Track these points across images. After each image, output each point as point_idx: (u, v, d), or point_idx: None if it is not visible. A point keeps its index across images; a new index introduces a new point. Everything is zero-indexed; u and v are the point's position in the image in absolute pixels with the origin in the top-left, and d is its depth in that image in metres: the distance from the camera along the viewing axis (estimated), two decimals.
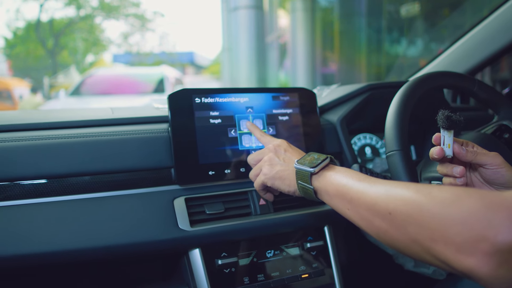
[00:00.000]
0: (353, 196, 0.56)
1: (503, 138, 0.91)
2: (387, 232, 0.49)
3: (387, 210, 0.49)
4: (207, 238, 0.80)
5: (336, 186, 0.60)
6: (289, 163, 0.70)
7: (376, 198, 0.51)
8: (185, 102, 0.85)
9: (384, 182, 0.54)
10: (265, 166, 0.72)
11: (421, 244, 0.44)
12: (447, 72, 0.89)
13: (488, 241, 0.38)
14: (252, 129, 0.86)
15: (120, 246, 0.75)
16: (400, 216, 0.47)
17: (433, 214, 0.43)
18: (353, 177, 0.59)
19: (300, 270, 0.88)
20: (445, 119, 0.63)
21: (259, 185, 0.74)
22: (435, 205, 0.43)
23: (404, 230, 0.46)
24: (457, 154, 0.63)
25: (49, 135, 0.78)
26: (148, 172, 0.82)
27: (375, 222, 0.51)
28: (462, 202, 0.42)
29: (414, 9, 5.64)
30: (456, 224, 0.41)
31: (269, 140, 0.80)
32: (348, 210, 0.57)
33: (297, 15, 7.25)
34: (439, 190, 0.45)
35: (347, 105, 1.06)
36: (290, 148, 0.74)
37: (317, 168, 0.63)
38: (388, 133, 0.77)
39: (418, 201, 0.45)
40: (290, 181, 0.69)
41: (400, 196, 0.48)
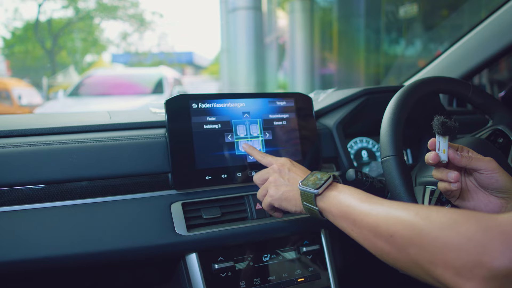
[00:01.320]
0: (356, 218, 0.57)
1: (498, 142, 0.92)
2: (389, 253, 0.51)
3: (389, 233, 0.50)
4: (204, 243, 0.81)
5: (340, 207, 0.61)
6: (294, 184, 0.72)
7: (378, 220, 0.53)
8: (182, 107, 0.85)
9: (385, 203, 0.55)
10: (271, 188, 0.74)
11: (422, 266, 0.46)
12: (442, 78, 0.90)
13: (484, 266, 0.39)
14: (250, 151, 0.86)
15: (118, 251, 0.76)
16: (401, 239, 0.49)
17: (432, 238, 0.45)
18: (356, 197, 0.60)
19: (296, 274, 0.88)
20: (440, 125, 0.64)
21: (267, 206, 0.76)
22: (434, 229, 0.45)
23: (405, 253, 0.48)
24: (452, 159, 0.64)
25: (47, 141, 0.79)
26: (145, 177, 0.83)
27: (378, 244, 0.53)
28: (459, 226, 0.43)
29: (412, 10, 5.66)
30: (453, 249, 0.42)
31: (271, 160, 0.80)
32: (352, 231, 0.58)
33: (296, 16, 7.25)
34: (437, 213, 0.47)
35: (343, 109, 1.07)
36: (294, 167, 0.75)
37: (321, 189, 0.65)
38: (383, 139, 0.78)
39: (417, 225, 0.47)
40: (296, 202, 0.70)
41: (400, 219, 0.50)
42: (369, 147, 1.20)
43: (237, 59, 5.92)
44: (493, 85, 2.35)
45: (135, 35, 15.56)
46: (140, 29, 14.56)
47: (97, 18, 13.71)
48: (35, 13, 15.94)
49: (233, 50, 6.01)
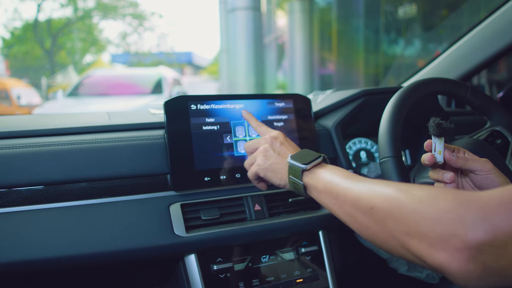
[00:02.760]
0: (339, 192, 0.58)
1: (495, 144, 0.92)
2: (369, 227, 0.52)
3: (369, 205, 0.52)
4: (202, 244, 0.81)
5: (325, 183, 0.62)
6: (283, 157, 0.72)
7: (360, 194, 0.54)
8: (181, 108, 0.85)
9: (368, 180, 0.57)
10: (260, 157, 0.73)
11: (398, 239, 0.47)
12: (440, 79, 0.90)
13: (459, 237, 0.40)
14: (248, 118, 0.86)
15: (117, 252, 0.76)
16: (380, 212, 0.50)
17: (411, 211, 0.46)
18: (341, 175, 0.62)
19: (295, 275, 0.89)
20: (435, 127, 0.64)
21: (252, 175, 0.75)
22: (413, 202, 0.46)
23: (384, 225, 0.49)
24: (448, 160, 0.65)
25: (46, 142, 0.79)
26: (144, 178, 0.83)
27: (358, 217, 0.54)
28: (438, 200, 0.44)
29: (411, 10, 5.66)
30: (431, 221, 0.43)
31: (265, 130, 0.80)
32: (334, 206, 0.60)
33: (295, 16, 7.26)
34: (418, 188, 0.48)
35: (342, 110, 1.07)
36: (286, 141, 0.75)
37: (310, 165, 0.65)
38: (381, 140, 0.78)
39: (398, 198, 0.48)
40: (282, 175, 0.70)
41: (381, 193, 0.51)
42: (367, 148, 1.20)
43: (236, 59, 5.92)
44: (492, 86, 2.35)
45: (135, 35, 15.56)
46: (139, 29, 14.56)
47: (96, 17, 13.70)
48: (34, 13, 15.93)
49: (232, 50, 6.01)
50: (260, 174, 0.74)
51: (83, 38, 14.04)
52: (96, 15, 13.50)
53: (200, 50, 52.73)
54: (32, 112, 5.99)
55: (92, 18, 13.55)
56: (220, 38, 8.28)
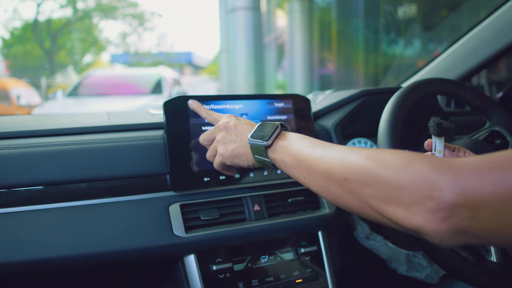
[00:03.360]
0: (309, 164, 0.57)
1: (495, 144, 0.93)
2: (341, 196, 0.52)
3: (343, 177, 0.51)
4: (202, 244, 0.81)
5: (292, 155, 0.61)
6: (242, 139, 0.70)
7: (332, 165, 0.53)
8: (180, 109, 0.85)
9: (338, 148, 0.55)
10: (220, 146, 0.72)
11: (374, 206, 0.47)
12: (439, 79, 0.90)
13: (433, 200, 0.41)
14: (196, 108, 0.83)
15: (116, 253, 0.76)
16: (355, 183, 0.50)
17: (386, 180, 0.46)
18: (307, 144, 0.60)
19: (294, 275, 0.89)
20: (436, 126, 0.64)
21: (218, 165, 0.74)
22: (388, 171, 0.46)
23: (358, 195, 0.49)
24: None
25: (45, 143, 0.79)
26: (144, 179, 0.83)
27: (331, 188, 0.53)
28: (413, 166, 0.44)
29: (411, 11, 5.66)
30: (406, 187, 0.44)
31: (216, 117, 0.78)
32: (305, 179, 0.58)
33: (295, 16, 7.26)
34: (392, 155, 0.48)
35: (341, 110, 1.07)
36: (239, 121, 0.74)
37: (270, 140, 0.64)
38: (381, 140, 0.78)
39: (372, 168, 0.48)
40: (247, 156, 0.69)
41: (354, 164, 0.50)
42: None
43: (236, 59, 5.92)
44: (492, 86, 2.35)
45: (134, 35, 15.55)
46: (139, 29, 14.55)
47: (96, 18, 13.70)
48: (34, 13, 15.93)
49: (232, 50, 6.01)
50: (226, 163, 0.72)
51: (82, 38, 14.04)
52: (96, 16, 13.49)
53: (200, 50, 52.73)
54: (31, 112, 5.99)
55: (92, 18, 13.55)
56: (220, 38, 8.28)
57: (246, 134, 0.70)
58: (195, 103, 0.84)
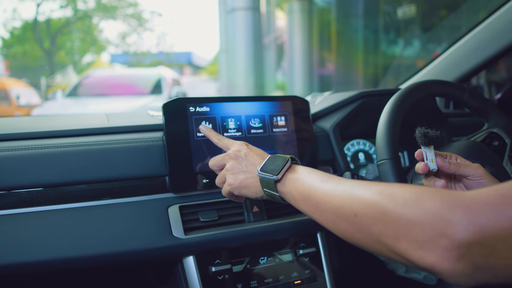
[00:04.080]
0: (319, 200, 0.56)
1: (493, 145, 0.93)
2: (353, 234, 0.51)
3: (353, 213, 0.50)
4: (201, 246, 0.82)
5: (301, 190, 0.60)
6: (252, 170, 0.70)
7: (341, 201, 0.52)
8: (179, 111, 0.86)
9: (346, 183, 0.55)
10: (229, 176, 0.72)
11: (385, 244, 0.46)
12: (437, 81, 0.91)
13: (447, 238, 0.40)
14: (207, 133, 0.83)
15: (115, 254, 0.76)
16: (365, 219, 0.49)
17: (397, 216, 0.45)
18: (317, 178, 0.59)
19: (293, 277, 0.89)
20: (422, 137, 0.65)
21: (226, 194, 0.74)
22: (398, 206, 0.45)
23: (369, 231, 0.48)
24: (440, 167, 0.66)
25: (45, 145, 0.79)
26: (143, 180, 0.83)
27: (341, 225, 0.53)
28: (424, 202, 0.44)
29: (410, 11, 5.67)
30: (418, 224, 0.43)
31: (227, 143, 0.78)
32: (314, 214, 0.58)
33: (295, 17, 7.26)
34: (401, 190, 0.47)
35: (340, 112, 1.07)
36: (251, 151, 0.73)
37: (280, 175, 0.64)
38: (379, 142, 0.79)
39: (381, 204, 0.47)
40: (256, 188, 0.69)
41: (364, 199, 0.49)
42: (366, 149, 1.21)
43: (235, 59, 5.92)
44: (491, 86, 2.35)
45: (134, 35, 15.55)
46: (138, 29, 14.55)
47: (95, 18, 13.70)
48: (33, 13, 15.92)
49: (232, 50, 6.01)
50: (234, 193, 0.72)
51: (82, 38, 14.04)
52: (96, 16, 13.49)
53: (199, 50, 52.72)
54: (31, 112, 5.99)
55: (92, 18, 13.55)
56: (220, 38, 8.28)
57: (256, 165, 0.69)
58: (206, 128, 0.84)
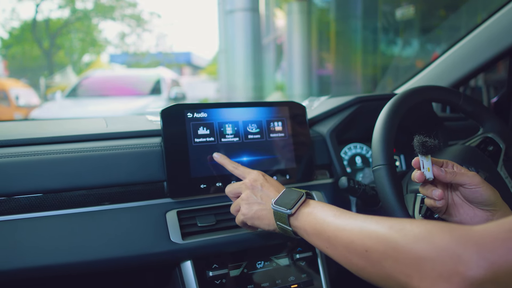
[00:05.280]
0: (330, 235, 0.57)
1: (488, 150, 0.94)
2: (364, 268, 0.51)
3: (364, 248, 0.51)
4: (198, 250, 0.82)
5: (314, 225, 0.61)
6: (267, 202, 0.71)
7: (352, 236, 0.53)
8: (177, 117, 0.87)
9: (358, 218, 0.56)
10: (243, 205, 0.73)
11: (397, 279, 0.46)
12: (433, 87, 0.92)
13: (460, 275, 0.40)
14: (222, 161, 0.84)
15: (114, 259, 0.77)
16: (376, 254, 0.49)
17: (407, 251, 0.45)
18: (329, 213, 0.60)
19: (290, 281, 0.90)
20: (420, 146, 0.65)
21: (240, 223, 0.76)
22: (408, 241, 0.46)
23: (381, 267, 0.48)
24: (436, 176, 0.66)
25: (45, 151, 0.80)
26: (141, 186, 0.84)
27: (353, 260, 0.53)
28: (434, 237, 0.44)
29: (409, 12, 5.68)
30: (429, 260, 0.43)
31: (243, 172, 0.79)
32: (327, 248, 0.58)
33: (294, 17, 7.27)
34: (411, 226, 0.47)
35: (336, 117, 1.08)
36: (267, 182, 0.75)
37: (294, 209, 0.65)
38: (375, 148, 0.80)
39: (391, 238, 0.48)
40: (269, 221, 0.70)
41: (374, 234, 0.50)
42: (363, 153, 1.21)
43: (235, 60, 5.93)
44: (489, 88, 2.35)
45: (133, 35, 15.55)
46: (138, 29, 14.55)
47: (95, 18, 13.69)
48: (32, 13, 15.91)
49: (231, 51, 6.02)
50: (247, 223, 0.74)
51: (81, 38, 14.03)
52: (95, 16, 13.48)
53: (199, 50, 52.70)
54: (30, 113, 5.99)
55: (91, 19, 13.54)
56: (219, 39, 8.29)
57: (271, 197, 0.71)
58: (220, 156, 0.85)
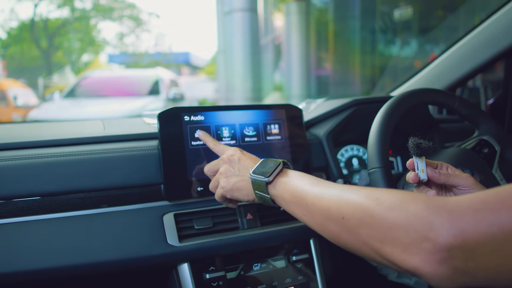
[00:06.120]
0: (308, 202, 0.58)
1: (483, 153, 0.94)
2: (340, 235, 0.53)
3: (340, 215, 0.52)
4: (195, 253, 0.83)
5: (292, 192, 0.62)
6: (244, 173, 0.72)
7: (330, 204, 0.54)
8: (174, 120, 0.87)
9: (336, 187, 0.57)
10: (222, 179, 0.74)
11: (371, 246, 0.48)
12: (428, 90, 0.92)
13: (430, 241, 0.42)
14: (204, 138, 0.86)
15: (111, 262, 0.77)
16: (352, 221, 0.50)
17: (382, 218, 0.47)
18: (307, 182, 0.61)
19: (286, 283, 0.90)
20: (415, 148, 0.66)
21: (219, 197, 0.76)
22: (383, 209, 0.47)
23: (356, 233, 0.50)
24: (431, 177, 0.67)
25: (42, 154, 0.81)
26: (138, 189, 0.85)
27: (329, 227, 0.54)
28: (408, 206, 0.45)
29: (407, 12, 5.69)
30: (402, 227, 0.44)
31: (222, 149, 0.80)
32: (304, 216, 0.60)
33: (292, 18, 7.27)
34: (387, 194, 0.49)
35: (333, 119, 1.09)
36: (244, 156, 0.76)
37: (271, 177, 0.65)
38: (370, 151, 0.80)
39: (368, 206, 0.49)
40: (248, 191, 0.71)
41: (351, 202, 0.51)
42: (359, 155, 1.22)
43: (233, 60, 5.94)
44: (487, 88, 2.36)
45: (132, 35, 15.53)
46: (136, 30, 14.54)
47: (93, 18, 13.67)
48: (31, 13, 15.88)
49: (230, 51, 6.03)
50: (226, 196, 0.74)
51: (80, 38, 14.02)
52: (93, 16, 13.47)
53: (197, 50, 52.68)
54: (29, 113, 5.99)
55: (90, 19, 13.52)
56: (218, 39, 8.29)
57: (249, 169, 0.71)
58: (203, 133, 0.87)
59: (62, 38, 13.47)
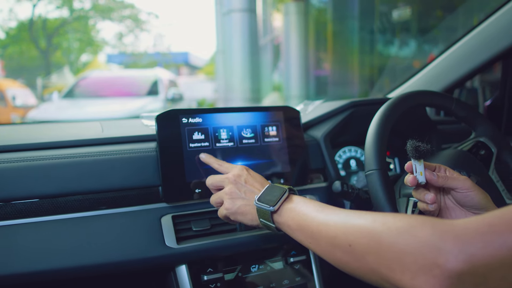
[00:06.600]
0: (314, 229, 0.58)
1: (479, 154, 0.95)
2: (348, 263, 0.52)
3: (347, 242, 0.51)
4: (193, 255, 0.83)
5: (297, 220, 0.62)
6: (250, 198, 0.71)
7: (336, 230, 0.54)
8: (172, 122, 0.87)
9: (341, 213, 0.56)
10: (227, 200, 0.73)
11: (380, 273, 0.47)
12: (425, 92, 0.93)
13: (439, 268, 0.41)
14: (207, 160, 0.86)
15: (109, 264, 0.78)
16: (359, 248, 0.50)
17: (390, 244, 0.46)
18: (312, 208, 0.61)
19: (284, 284, 0.91)
20: (413, 150, 0.66)
21: (222, 217, 0.75)
22: (391, 235, 0.46)
23: (364, 261, 0.49)
24: (429, 180, 0.67)
25: (40, 156, 0.81)
26: (136, 191, 0.85)
27: (337, 255, 0.54)
28: (415, 231, 0.45)
29: (406, 13, 5.70)
30: (410, 253, 0.44)
31: (227, 167, 0.80)
32: (310, 244, 0.59)
33: (291, 18, 7.28)
34: (394, 219, 0.48)
35: (331, 121, 1.09)
36: (251, 178, 0.75)
37: (277, 206, 0.65)
38: (367, 153, 0.81)
39: (375, 232, 0.48)
40: (253, 216, 0.70)
41: (358, 228, 0.51)
42: (357, 157, 1.22)
43: (232, 60, 5.93)
44: (485, 89, 2.37)
45: (131, 35, 15.53)
46: (135, 30, 14.53)
47: (92, 18, 13.66)
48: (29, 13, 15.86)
49: (228, 52, 6.03)
50: (230, 218, 0.73)
51: (79, 38, 14.00)
52: (92, 16, 13.46)
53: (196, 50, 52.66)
54: (27, 114, 5.98)
55: (89, 19, 13.51)
56: (216, 39, 8.29)
57: (255, 193, 0.71)
58: (206, 156, 0.86)
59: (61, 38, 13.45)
